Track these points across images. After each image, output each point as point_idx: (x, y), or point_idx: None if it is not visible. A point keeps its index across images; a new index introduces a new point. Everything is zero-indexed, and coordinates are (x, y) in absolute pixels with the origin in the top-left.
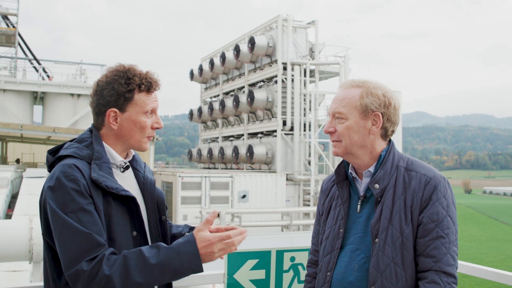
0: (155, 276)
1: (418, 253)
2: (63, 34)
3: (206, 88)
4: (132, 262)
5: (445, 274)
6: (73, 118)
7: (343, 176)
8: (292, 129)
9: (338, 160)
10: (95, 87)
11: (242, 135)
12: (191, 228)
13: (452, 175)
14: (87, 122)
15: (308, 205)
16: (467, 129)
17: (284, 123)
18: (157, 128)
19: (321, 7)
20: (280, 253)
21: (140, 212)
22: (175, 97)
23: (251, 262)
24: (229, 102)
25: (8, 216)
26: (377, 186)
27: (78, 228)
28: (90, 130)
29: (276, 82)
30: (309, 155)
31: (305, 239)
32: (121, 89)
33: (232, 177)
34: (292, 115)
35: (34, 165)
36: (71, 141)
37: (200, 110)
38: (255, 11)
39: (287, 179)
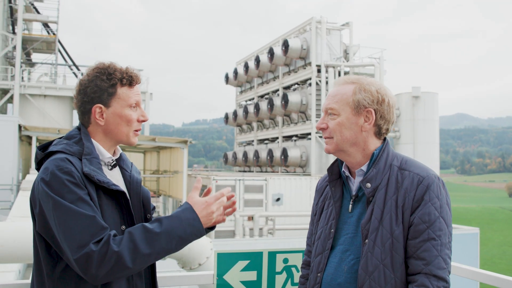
0: (162, 245)
1: (408, 255)
2: (103, 41)
3: (241, 92)
4: (138, 236)
5: (436, 277)
6: None
7: (337, 175)
8: None
9: None
10: (78, 87)
11: (277, 138)
12: None
13: (496, 178)
14: None
15: None
16: (511, 131)
17: None
18: (143, 121)
19: (358, 9)
20: (272, 254)
21: (130, 206)
22: (212, 101)
23: (242, 263)
24: (263, 105)
25: None
26: (368, 185)
27: (82, 212)
28: (78, 128)
29: (310, 84)
30: None
31: (299, 241)
32: (103, 85)
33: (266, 180)
34: None
35: None
36: (59, 138)
37: (235, 114)
38: (290, 14)
39: None
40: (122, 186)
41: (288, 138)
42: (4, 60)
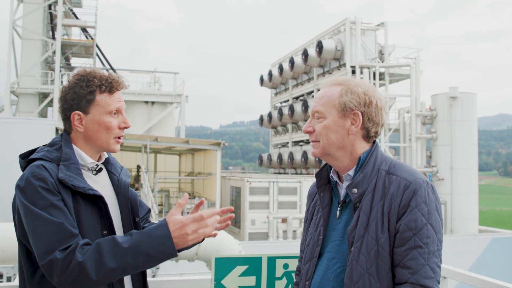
0: (128, 261)
1: (395, 263)
2: (142, 44)
3: (276, 94)
4: (105, 248)
5: (422, 287)
6: (147, 125)
7: (325, 180)
8: None
9: (414, 164)
10: (60, 93)
11: None
12: None
13: None
14: (161, 128)
15: None
16: None
17: None
18: (125, 127)
19: (397, 8)
20: (272, 260)
21: (109, 211)
22: (250, 103)
23: (240, 268)
24: (298, 107)
25: None
26: (355, 190)
27: (50, 219)
28: (61, 135)
29: None
30: None
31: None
32: (81, 92)
33: (300, 182)
34: None
35: None
36: (43, 145)
37: (270, 116)
38: (328, 15)
39: None
40: (109, 191)
41: None
42: (45, 65)
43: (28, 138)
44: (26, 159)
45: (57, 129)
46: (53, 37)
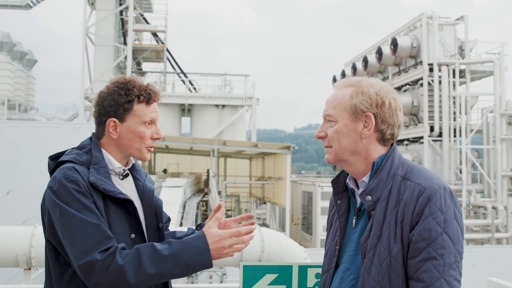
0: (167, 268)
1: (408, 276)
2: (215, 48)
3: None
4: (145, 254)
5: None
6: (218, 129)
7: (343, 187)
8: (440, 135)
9: (499, 167)
10: (97, 98)
11: None
12: (196, 228)
13: None
14: (232, 132)
15: None
16: None
17: (432, 129)
18: (157, 138)
19: (478, 0)
20: (303, 269)
21: (138, 215)
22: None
23: (270, 277)
24: None
25: None
26: (369, 198)
27: (87, 220)
28: (90, 138)
29: (421, 85)
30: (460, 163)
31: None
32: (120, 100)
33: None
34: (440, 120)
35: (177, 175)
36: (72, 148)
37: None
38: (405, 10)
39: None
40: (134, 196)
41: (399, 142)
42: (117, 70)
43: None
44: (56, 160)
45: None
46: (125, 43)
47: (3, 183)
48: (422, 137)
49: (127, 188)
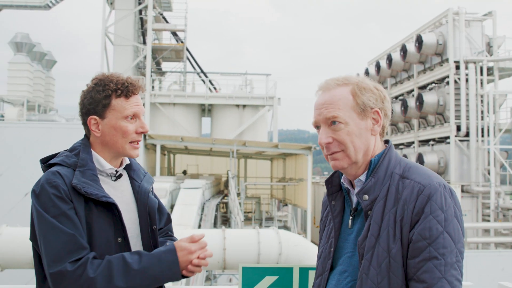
0: (136, 282)
1: (409, 277)
2: (237, 47)
3: None
4: (115, 267)
5: None
6: (239, 129)
7: (337, 187)
8: (467, 134)
9: None
10: (80, 98)
11: (412, 142)
12: None
13: None
14: (253, 132)
15: (488, 221)
16: None
17: (459, 128)
18: (142, 132)
19: None
20: (304, 271)
21: (122, 218)
22: None
23: (269, 279)
24: (397, 107)
25: None
26: (366, 197)
27: (62, 228)
28: (82, 139)
29: (448, 83)
30: (488, 164)
31: None
32: (98, 96)
33: None
34: (467, 119)
35: (197, 176)
36: (65, 150)
37: None
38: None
39: (462, 191)
40: (129, 198)
41: (424, 142)
42: (136, 70)
43: None
44: (47, 163)
45: (144, 135)
46: (144, 42)
47: (21, 185)
48: (448, 137)
49: (120, 189)
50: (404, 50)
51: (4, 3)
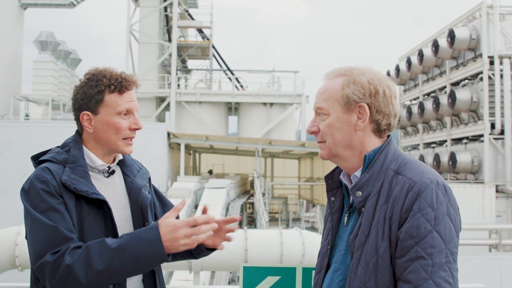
0: (116, 263)
1: (396, 277)
2: (266, 44)
3: (404, 90)
4: (94, 250)
5: None
6: (266, 128)
7: (337, 183)
8: (502, 132)
9: None
10: (73, 93)
11: (445, 141)
12: None
13: None
14: (281, 131)
15: None
16: None
17: (493, 126)
18: (135, 129)
19: None
20: (307, 271)
21: (113, 216)
22: None
23: (271, 279)
24: (428, 104)
25: None
26: (359, 193)
27: (46, 222)
28: (74, 136)
29: (481, 79)
30: None
31: None
32: (90, 92)
33: None
34: (502, 117)
35: (222, 175)
36: (57, 147)
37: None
38: (469, 0)
39: (497, 191)
40: (121, 194)
41: (457, 140)
42: (161, 68)
43: (142, 143)
44: (37, 160)
45: (168, 134)
46: (169, 40)
47: None
48: (482, 135)
49: (112, 185)
50: (435, 45)
51: (29, 1)
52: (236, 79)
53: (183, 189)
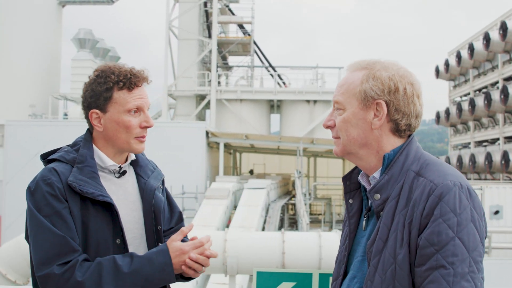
0: (127, 285)
1: (416, 286)
2: (311, 39)
3: (454, 86)
4: (105, 270)
5: None
6: (309, 126)
7: (356, 185)
8: None
9: None
10: (82, 91)
11: (497, 139)
12: None
13: None
14: (324, 129)
15: None
16: None
17: None
18: (146, 127)
19: None
20: (324, 277)
21: (120, 219)
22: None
23: (286, 285)
24: (479, 101)
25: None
26: (377, 196)
27: (53, 230)
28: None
29: None
30: None
31: None
32: (98, 89)
33: (481, 189)
34: None
35: (263, 175)
36: (67, 145)
37: (447, 112)
38: None
39: None
40: (133, 195)
41: (510, 139)
42: (201, 65)
43: (179, 142)
44: (46, 159)
45: (207, 133)
46: (209, 36)
47: None
48: None
49: (123, 186)
50: (487, 38)
51: None
52: (278, 75)
53: (221, 190)
